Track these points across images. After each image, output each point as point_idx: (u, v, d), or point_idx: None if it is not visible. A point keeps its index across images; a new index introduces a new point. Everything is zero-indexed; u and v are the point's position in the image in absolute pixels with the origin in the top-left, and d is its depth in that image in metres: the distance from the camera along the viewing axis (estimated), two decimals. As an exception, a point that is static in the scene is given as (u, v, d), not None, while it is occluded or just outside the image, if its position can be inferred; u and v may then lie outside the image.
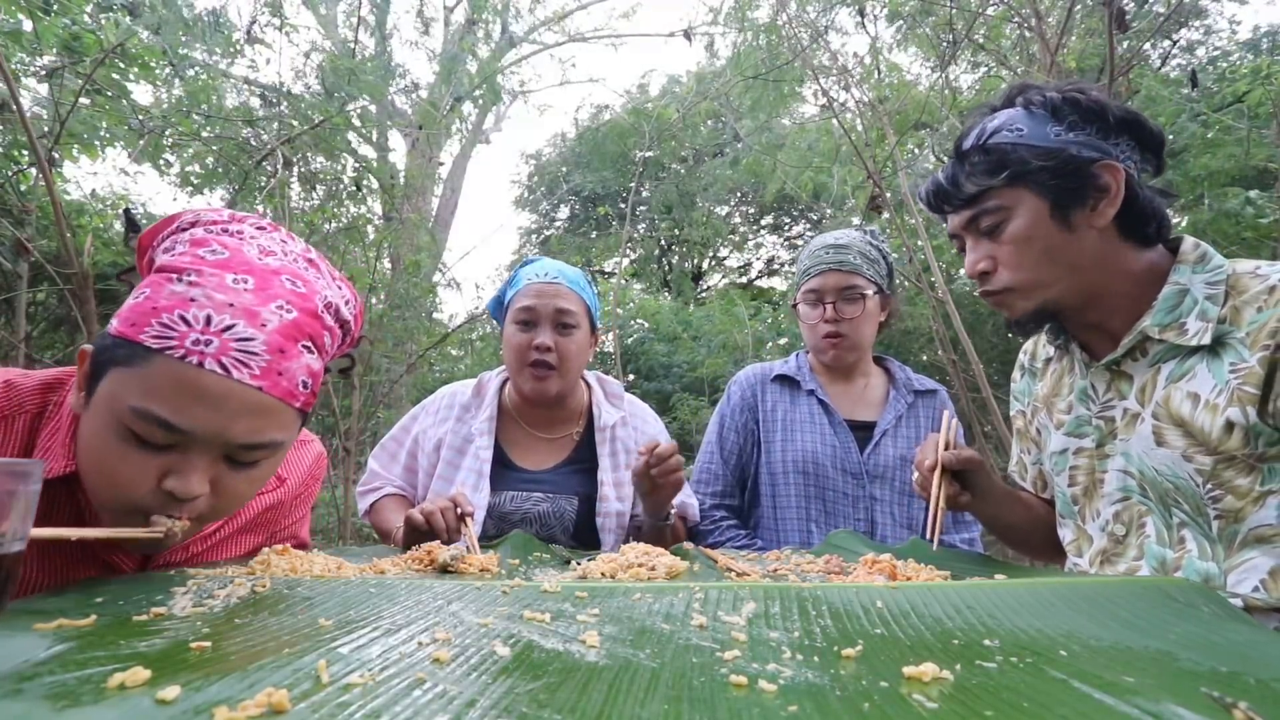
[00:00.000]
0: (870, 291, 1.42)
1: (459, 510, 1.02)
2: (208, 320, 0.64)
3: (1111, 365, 0.93)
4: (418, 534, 1.00)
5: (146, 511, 0.66)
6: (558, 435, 1.40)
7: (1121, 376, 0.93)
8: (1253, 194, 2.94)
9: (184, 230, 0.73)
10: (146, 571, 0.78)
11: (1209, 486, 0.83)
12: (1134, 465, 0.90)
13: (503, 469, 1.33)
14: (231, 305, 0.66)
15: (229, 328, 0.65)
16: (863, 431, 1.44)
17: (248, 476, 0.71)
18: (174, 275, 0.67)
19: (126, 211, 2.91)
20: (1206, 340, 0.83)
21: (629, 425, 1.41)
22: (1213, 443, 0.82)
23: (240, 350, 0.65)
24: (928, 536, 0.93)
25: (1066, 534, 1.01)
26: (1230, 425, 0.80)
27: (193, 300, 0.65)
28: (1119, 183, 0.86)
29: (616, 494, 1.33)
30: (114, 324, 0.66)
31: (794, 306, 1.53)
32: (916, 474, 1.01)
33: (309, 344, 0.71)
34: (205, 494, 0.67)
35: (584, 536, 1.32)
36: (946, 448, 1.00)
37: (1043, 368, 1.08)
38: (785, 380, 1.52)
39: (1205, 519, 0.84)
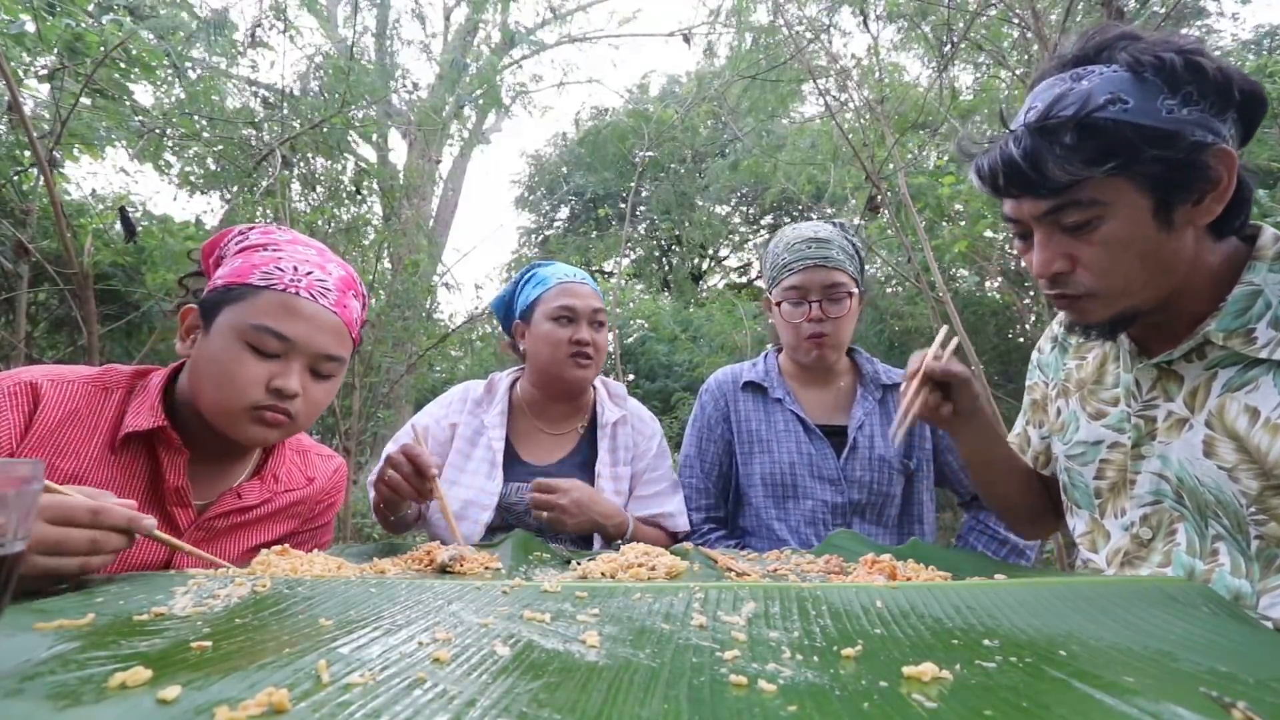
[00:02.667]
0: (855, 290, 1.38)
1: (418, 464, 1.04)
2: (294, 268, 0.91)
3: (1161, 363, 0.84)
4: (393, 503, 1.11)
5: (258, 408, 0.87)
6: (563, 431, 1.44)
7: (1171, 376, 0.84)
8: (1259, 194, 2.94)
9: (242, 236, 0.97)
10: (203, 523, 0.94)
11: (1252, 509, 0.76)
12: (1172, 470, 0.83)
13: (510, 462, 1.38)
14: (308, 261, 0.93)
15: (310, 272, 0.92)
16: (838, 437, 1.40)
17: (323, 388, 0.94)
18: (259, 249, 0.93)
19: (122, 210, 2.91)
20: (1279, 356, 0.74)
21: (629, 425, 1.45)
22: (1268, 464, 0.74)
23: (320, 286, 0.92)
24: (890, 434, 0.89)
25: (1078, 525, 0.96)
26: None
27: (281, 258, 0.92)
28: (1232, 173, 0.73)
29: (614, 488, 1.37)
30: (217, 281, 0.91)
31: (770, 303, 1.46)
32: (905, 383, 0.97)
33: (354, 294, 0.99)
34: (300, 396, 0.90)
35: None
36: (937, 359, 0.96)
37: (1077, 347, 1.00)
38: (755, 388, 1.47)
39: (1244, 535, 0.77)
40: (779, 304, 1.41)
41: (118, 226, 2.98)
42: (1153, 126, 0.70)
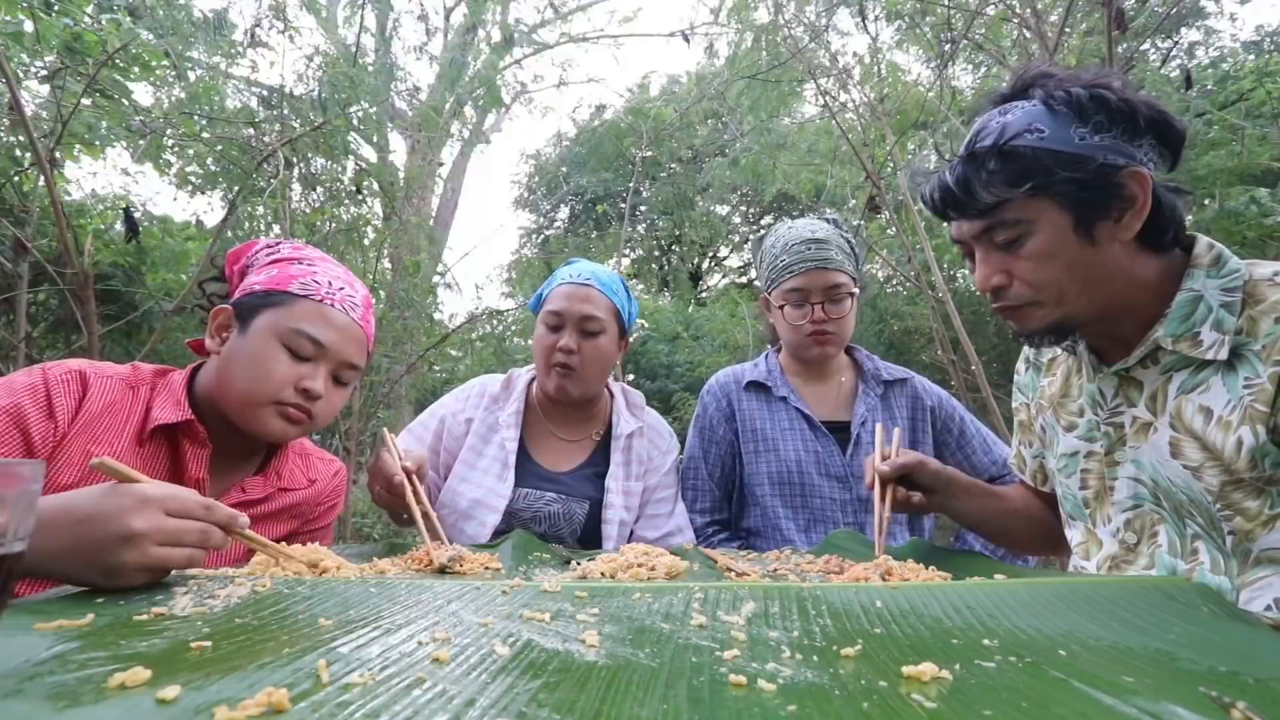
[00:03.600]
0: (855, 290, 1.39)
1: (384, 481, 1.02)
2: (329, 283, 1.01)
3: (1120, 371, 0.89)
4: (397, 507, 1.08)
5: (285, 404, 0.94)
6: (578, 438, 1.41)
7: (1131, 383, 0.89)
8: (1260, 193, 2.93)
9: (269, 249, 1.05)
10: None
11: (1218, 506, 0.80)
12: (1146, 474, 0.87)
13: (522, 464, 1.35)
14: (340, 278, 1.03)
15: (342, 288, 1.02)
16: (842, 433, 1.41)
17: (340, 394, 1.02)
18: (294, 262, 1.02)
19: (126, 210, 2.91)
20: (1223, 355, 0.79)
21: (645, 438, 1.41)
22: (1226, 460, 0.78)
23: (350, 302, 1.02)
24: (875, 546, 0.93)
25: (1075, 535, 0.99)
26: (1240, 444, 0.77)
27: (316, 272, 1.01)
28: (1146, 192, 0.80)
29: (623, 502, 1.33)
30: (255, 286, 0.98)
31: (768, 303, 1.46)
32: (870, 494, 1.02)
33: (371, 312, 1.08)
34: (323, 398, 0.97)
35: (589, 541, 1.33)
36: (886, 458, 1.00)
37: (1048, 364, 1.05)
38: (757, 387, 1.48)
39: (1219, 532, 0.80)
40: (781, 307, 1.42)
41: (118, 225, 2.98)
42: (1065, 151, 0.78)
